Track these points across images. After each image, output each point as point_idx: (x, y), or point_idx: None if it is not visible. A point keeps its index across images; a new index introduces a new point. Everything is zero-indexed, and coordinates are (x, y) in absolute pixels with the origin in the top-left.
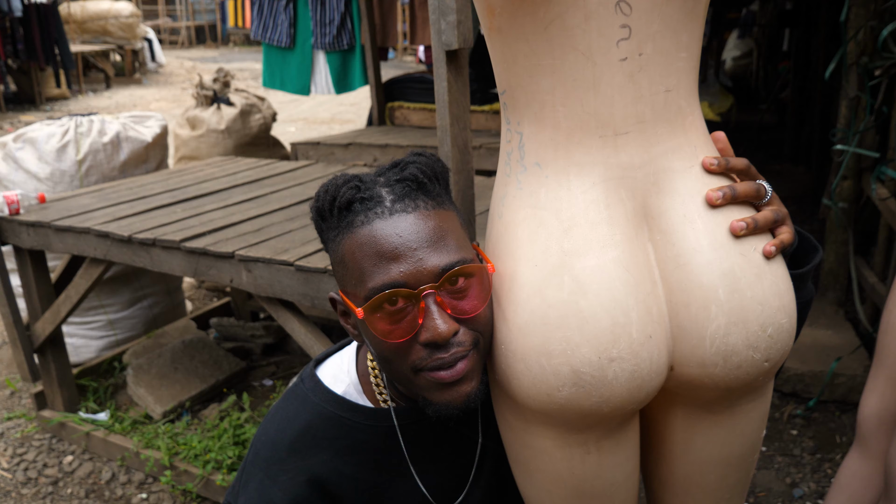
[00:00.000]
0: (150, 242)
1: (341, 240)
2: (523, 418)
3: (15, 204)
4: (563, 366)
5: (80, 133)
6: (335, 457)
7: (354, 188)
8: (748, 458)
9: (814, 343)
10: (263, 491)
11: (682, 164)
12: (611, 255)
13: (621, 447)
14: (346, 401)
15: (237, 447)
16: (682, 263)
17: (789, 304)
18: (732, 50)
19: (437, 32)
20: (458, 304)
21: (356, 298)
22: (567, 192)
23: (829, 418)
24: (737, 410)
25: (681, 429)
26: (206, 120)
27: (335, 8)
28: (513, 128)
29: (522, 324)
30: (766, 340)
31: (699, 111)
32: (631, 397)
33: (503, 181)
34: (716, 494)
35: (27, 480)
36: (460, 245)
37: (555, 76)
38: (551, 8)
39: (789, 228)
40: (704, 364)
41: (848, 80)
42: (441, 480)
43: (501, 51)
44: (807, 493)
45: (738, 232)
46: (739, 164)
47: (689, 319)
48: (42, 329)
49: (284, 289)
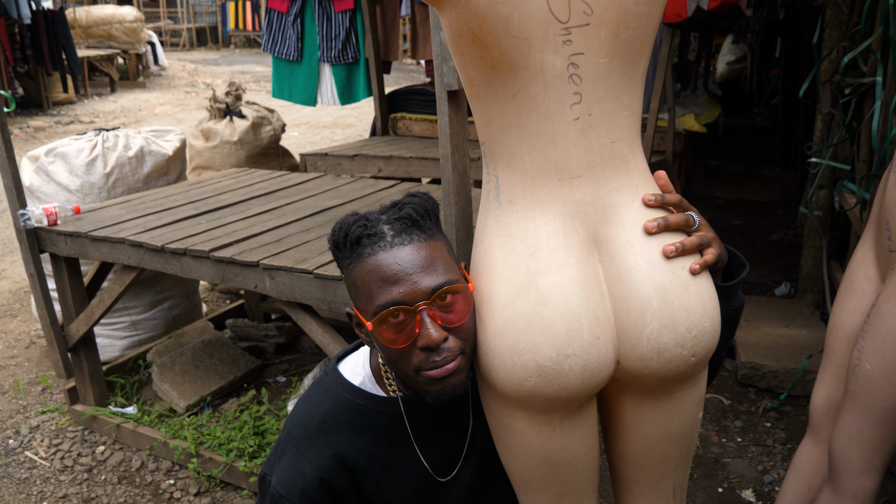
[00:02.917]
0: (182, 252)
1: (353, 267)
2: (502, 403)
3: (54, 216)
4: (530, 361)
5: (107, 148)
6: (353, 436)
7: (362, 226)
8: (687, 435)
9: (789, 342)
10: (294, 463)
11: (626, 200)
12: (567, 274)
13: (581, 426)
14: (362, 391)
15: (257, 437)
16: (625, 280)
17: (712, 310)
18: (727, 55)
19: (440, 75)
20: (447, 316)
21: (366, 314)
22: (533, 223)
23: (801, 412)
24: (674, 396)
25: (630, 412)
26: (220, 132)
27: (340, 23)
28: (491, 172)
29: (498, 328)
30: (691, 340)
31: (641, 156)
32: (584, 385)
33: (484, 214)
34: (662, 465)
35: (64, 468)
36: (447, 268)
37: (522, 133)
38: (518, 81)
39: (715, 249)
40: (643, 359)
41: (822, 96)
42: (439, 456)
43: (480, 112)
44: (776, 479)
45: (669, 254)
46: (673, 199)
47: (629, 324)
48: (76, 330)
49: (304, 294)
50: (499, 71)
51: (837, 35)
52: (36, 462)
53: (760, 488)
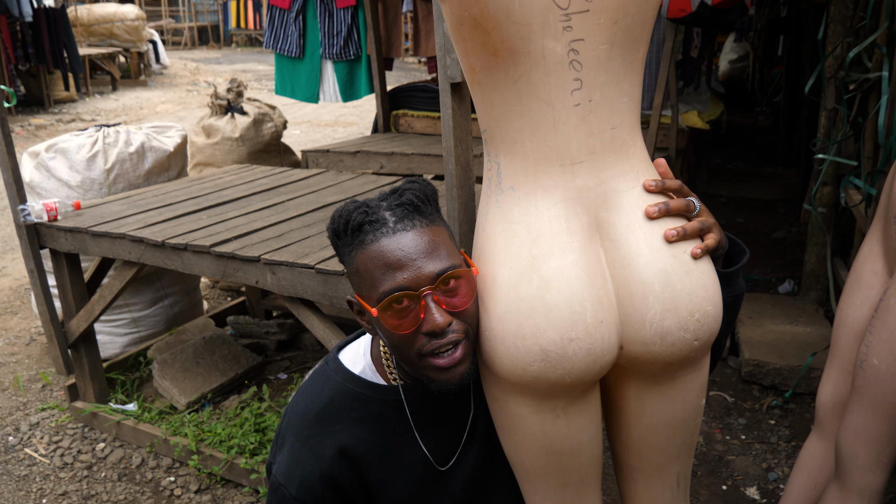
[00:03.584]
0: (182, 247)
1: (355, 254)
2: (504, 390)
3: (53, 211)
4: (534, 346)
5: (107, 143)
6: (354, 425)
7: (364, 213)
8: (690, 421)
9: (793, 339)
10: (295, 452)
11: (626, 186)
12: (570, 259)
13: (584, 412)
14: (362, 379)
15: (258, 434)
16: (627, 264)
17: (714, 294)
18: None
19: (443, 67)
20: (451, 301)
21: (370, 300)
22: (535, 209)
23: (805, 409)
24: (677, 382)
25: (633, 399)
26: (221, 128)
27: (342, 20)
28: (492, 159)
29: (501, 313)
30: (694, 323)
31: (641, 142)
32: (588, 370)
33: (485, 200)
34: (665, 452)
35: (64, 465)
36: (450, 253)
37: (523, 119)
38: (519, 67)
39: (716, 235)
40: (646, 343)
41: (826, 92)
42: (440, 444)
43: (481, 99)
44: (780, 476)
45: (671, 238)
46: (674, 185)
47: (632, 308)
48: (76, 326)
49: (306, 289)
50: (500, 57)
51: (842, 31)
52: (36, 459)
53: (765, 486)
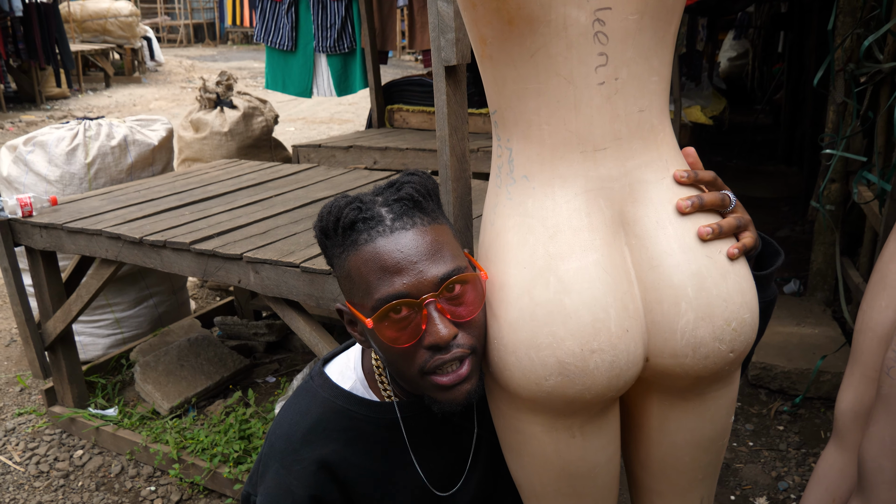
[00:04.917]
0: (161, 244)
1: (347, 256)
2: (515, 406)
3: (28, 206)
4: (550, 357)
5: (88, 137)
6: (344, 447)
7: (356, 209)
8: (718, 441)
9: (801, 342)
10: (280, 480)
11: (655, 176)
12: (591, 258)
13: (603, 432)
14: (353, 395)
15: (243, 441)
16: (656, 265)
17: (751, 300)
18: (728, 51)
19: (437, 49)
20: (456, 310)
21: (364, 309)
22: (552, 201)
23: (815, 414)
24: (707, 398)
25: (657, 415)
26: (210, 122)
27: (336, 12)
28: (503, 144)
29: (513, 320)
30: (730, 333)
31: (670, 128)
32: (610, 385)
33: (494, 192)
34: (689, 475)
35: (39, 474)
36: (455, 255)
37: (540, 98)
38: (536, 38)
39: (752, 234)
40: (676, 355)
41: (835, 86)
42: (440, 468)
43: (492, 75)
44: (791, 486)
45: (705, 236)
46: (707, 176)
47: (661, 315)
48: (53, 327)
49: (290, 289)
50: (515, 26)
51: (851, 22)
52: (10, 467)
53: (775, 496)
